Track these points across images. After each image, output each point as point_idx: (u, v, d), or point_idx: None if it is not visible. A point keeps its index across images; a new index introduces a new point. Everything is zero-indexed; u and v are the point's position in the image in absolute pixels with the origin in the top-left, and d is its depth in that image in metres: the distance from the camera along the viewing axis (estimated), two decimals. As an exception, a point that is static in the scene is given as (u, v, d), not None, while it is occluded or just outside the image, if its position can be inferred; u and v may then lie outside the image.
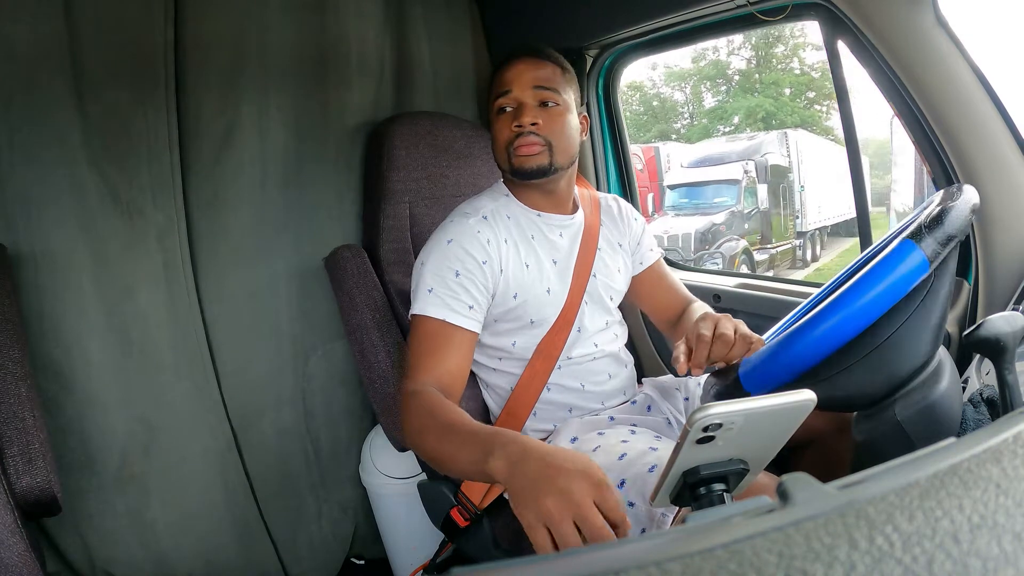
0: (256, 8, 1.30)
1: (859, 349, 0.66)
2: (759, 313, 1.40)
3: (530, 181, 1.01)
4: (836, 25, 1.08)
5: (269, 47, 1.32)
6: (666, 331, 1.21)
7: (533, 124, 0.97)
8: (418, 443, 0.82)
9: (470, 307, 0.93)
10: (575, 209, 1.09)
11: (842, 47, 1.10)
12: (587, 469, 0.60)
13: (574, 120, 1.03)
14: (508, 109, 1.00)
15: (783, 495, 0.24)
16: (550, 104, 1.00)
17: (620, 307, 1.15)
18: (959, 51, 0.98)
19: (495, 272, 0.97)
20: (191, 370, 1.29)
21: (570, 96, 1.03)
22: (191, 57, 1.24)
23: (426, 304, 0.92)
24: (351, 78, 1.43)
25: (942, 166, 1.03)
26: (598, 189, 1.59)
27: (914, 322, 0.66)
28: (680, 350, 0.80)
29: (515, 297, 0.99)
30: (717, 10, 1.24)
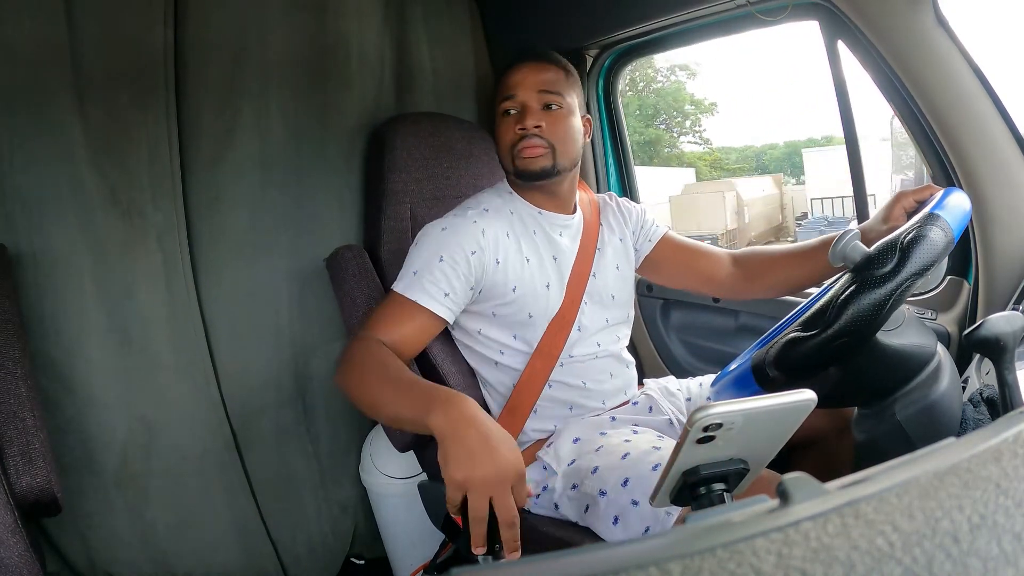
0: (256, 9, 1.30)
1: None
2: (759, 313, 1.40)
3: (533, 183, 1.03)
4: (836, 25, 1.08)
5: (269, 48, 1.32)
6: (730, 291, 1.17)
7: (536, 127, 0.99)
8: (352, 383, 0.86)
9: (446, 294, 0.95)
10: (575, 210, 1.10)
11: (842, 47, 1.10)
12: (517, 459, 0.69)
13: (577, 123, 1.05)
14: (512, 112, 1.02)
15: (783, 495, 0.24)
16: (553, 107, 1.01)
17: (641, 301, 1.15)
18: (959, 51, 0.98)
19: (485, 263, 0.98)
20: (191, 370, 1.28)
21: (573, 99, 1.05)
22: (191, 58, 1.24)
23: (407, 285, 0.95)
24: (351, 79, 1.43)
25: (942, 166, 1.03)
26: (598, 190, 1.59)
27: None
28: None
29: (514, 290, 1.00)
30: (717, 10, 1.24)
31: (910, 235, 0.71)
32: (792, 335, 0.73)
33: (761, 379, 0.76)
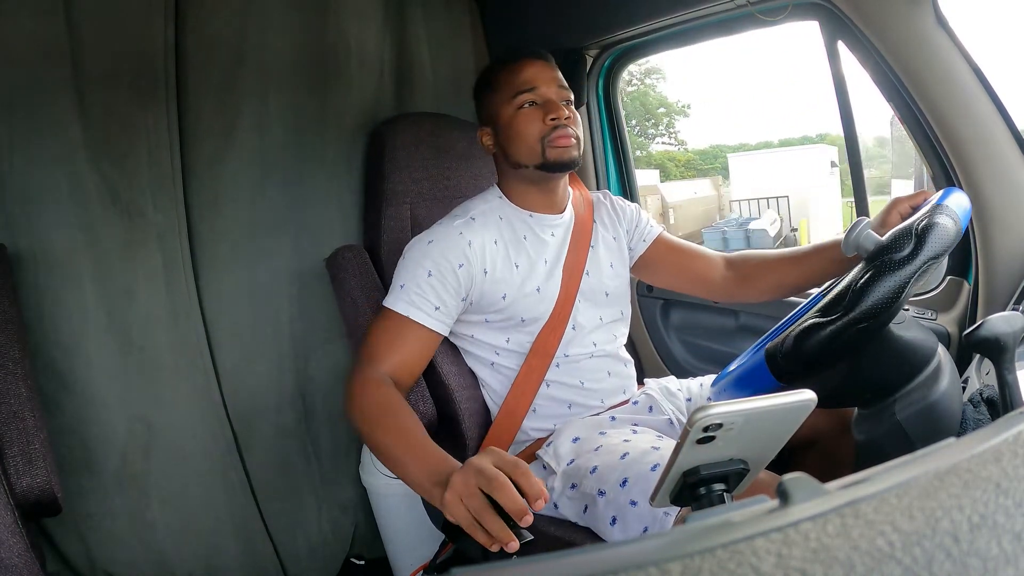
0: (256, 9, 1.30)
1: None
2: (759, 313, 1.40)
3: (557, 173, 1.03)
4: (836, 25, 1.08)
5: (269, 47, 1.32)
6: (723, 294, 1.18)
7: (566, 119, 1.01)
8: (365, 431, 0.85)
9: (436, 308, 0.95)
10: (565, 208, 1.10)
11: (842, 47, 1.10)
12: (493, 449, 0.68)
13: None
14: (534, 104, 1.02)
15: (783, 495, 0.24)
16: (569, 103, 1.04)
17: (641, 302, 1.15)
18: (959, 51, 0.98)
19: (473, 275, 0.98)
20: (191, 370, 1.28)
21: None
22: (191, 57, 1.24)
23: (396, 299, 0.96)
24: (351, 79, 1.43)
25: (942, 166, 1.03)
26: (598, 189, 1.59)
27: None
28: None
29: (504, 297, 1.00)
30: (717, 10, 1.24)
31: (923, 222, 0.72)
32: (811, 321, 0.73)
33: (776, 369, 0.75)
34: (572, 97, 1.05)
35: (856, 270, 0.75)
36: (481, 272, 0.98)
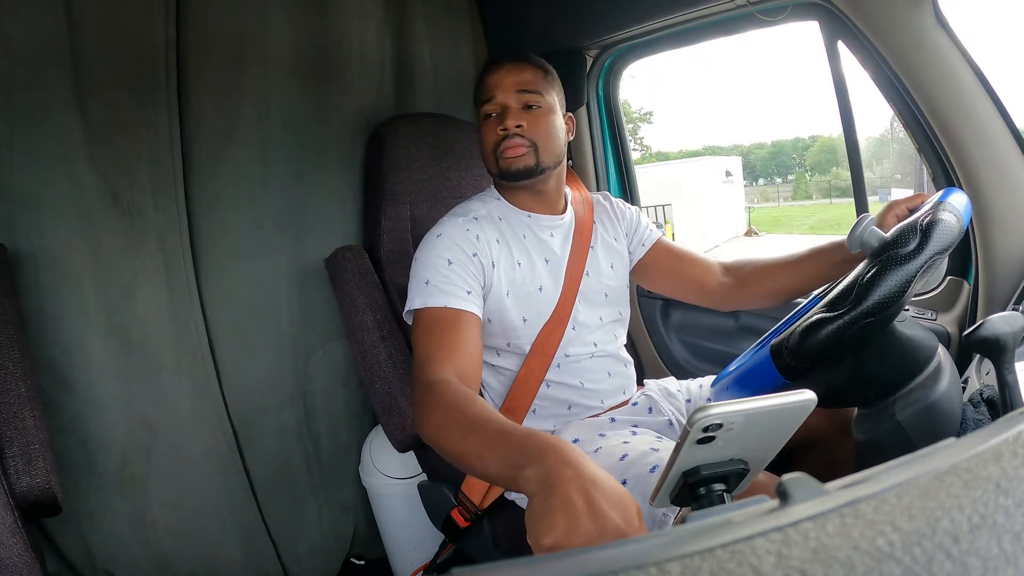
0: (257, 8, 1.30)
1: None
2: (759, 313, 1.40)
3: (518, 182, 1.03)
4: (836, 25, 1.08)
5: (270, 47, 1.33)
6: (720, 300, 1.17)
7: (518, 127, 1.00)
8: (439, 439, 0.74)
9: (468, 292, 0.94)
10: (565, 209, 1.10)
11: (842, 47, 1.10)
12: (627, 519, 0.54)
13: (559, 121, 1.05)
14: (493, 114, 1.02)
15: (783, 495, 0.24)
16: (533, 107, 1.02)
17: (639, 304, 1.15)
18: (959, 51, 0.98)
19: (484, 264, 0.98)
20: (192, 370, 1.29)
21: (554, 98, 1.05)
22: (192, 56, 1.25)
23: (426, 296, 0.92)
24: (352, 78, 1.43)
25: (942, 166, 1.03)
26: (598, 190, 1.59)
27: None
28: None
29: (507, 295, 1.01)
30: (717, 10, 1.24)
31: (927, 218, 0.73)
32: (817, 316, 0.73)
33: (781, 365, 0.75)
34: (543, 99, 1.02)
35: (862, 266, 0.75)
36: (490, 264, 0.99)
